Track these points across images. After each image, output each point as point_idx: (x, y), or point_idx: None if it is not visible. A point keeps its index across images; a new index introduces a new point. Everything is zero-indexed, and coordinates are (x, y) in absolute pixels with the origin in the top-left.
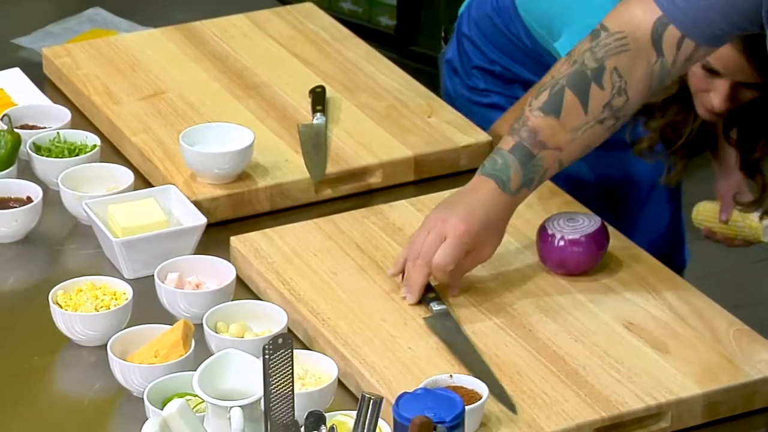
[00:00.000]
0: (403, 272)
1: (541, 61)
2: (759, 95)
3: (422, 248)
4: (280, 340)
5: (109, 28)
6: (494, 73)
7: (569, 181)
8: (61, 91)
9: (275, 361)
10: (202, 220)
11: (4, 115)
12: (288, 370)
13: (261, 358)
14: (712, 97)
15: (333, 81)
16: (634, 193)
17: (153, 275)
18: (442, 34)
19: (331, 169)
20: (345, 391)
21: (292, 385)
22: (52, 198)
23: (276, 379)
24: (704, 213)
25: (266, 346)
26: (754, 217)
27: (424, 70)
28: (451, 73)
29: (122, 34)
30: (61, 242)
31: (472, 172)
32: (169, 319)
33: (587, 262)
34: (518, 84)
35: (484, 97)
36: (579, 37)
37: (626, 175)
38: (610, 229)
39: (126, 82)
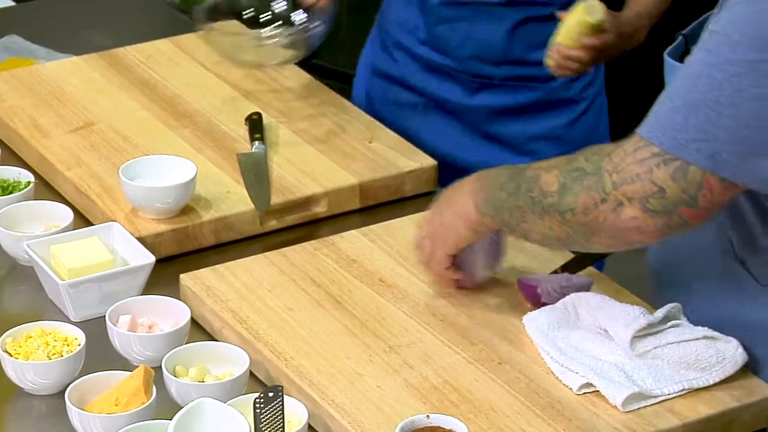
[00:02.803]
0: None
1: None
2: None
3: None
4: (270, 393)
5: (27, 56)
6: None
7: None
8: None
9: (266, 415)
10: (151, 258)
11: None
12: (279, 424)
13: (225, 400)
14: None
15: (267, 107)
16: None
17: (99, 317)
18: None
19: (276, 199)
20: None
21: None
22: None
23: None
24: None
25: (257, 400)
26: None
27: (329, 84)
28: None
29: (42, 63)
30: None
31: (417, 197)
32: (120, 363)
33: None
34: None
35: None
36: None
37: None
38: None
39: (53, 113)
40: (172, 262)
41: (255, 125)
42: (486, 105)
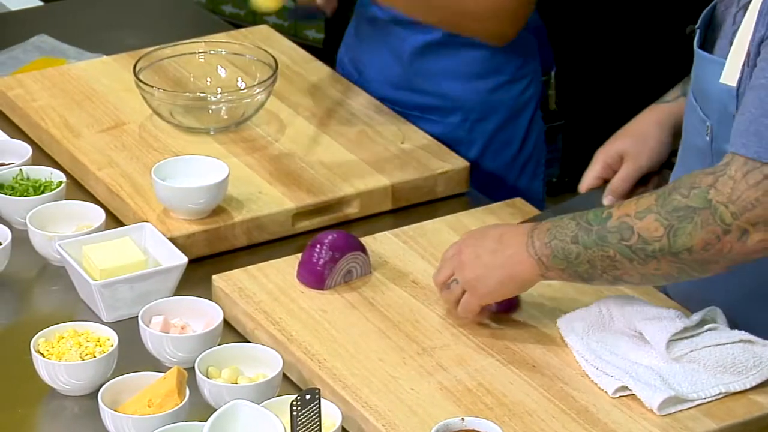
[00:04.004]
0: None
1: None
2: None
3: None
4: (307, 396)
5: (57, 55)
6: None
7: None
8: (14, 124)
9: (303, 417)
10: (183, 259)
11: None
12: (315, 426)
13: (259, 402)
14: None
15: (298, 107)
16: None
17: (131, 317)
18: None
19: (308, 200)
20: None
21: None
22: (17, 237)
23: None
24: None
25: (294, 402)
26: None
27: None
28: None
29: (73, 62)
30: (30, 284)
31: (449, 198)
32: (153, 364)
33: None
34: None
35: None
36: None
37: None
38: None
39: (84, 113)
40: (203, 263)
41: None
42: None
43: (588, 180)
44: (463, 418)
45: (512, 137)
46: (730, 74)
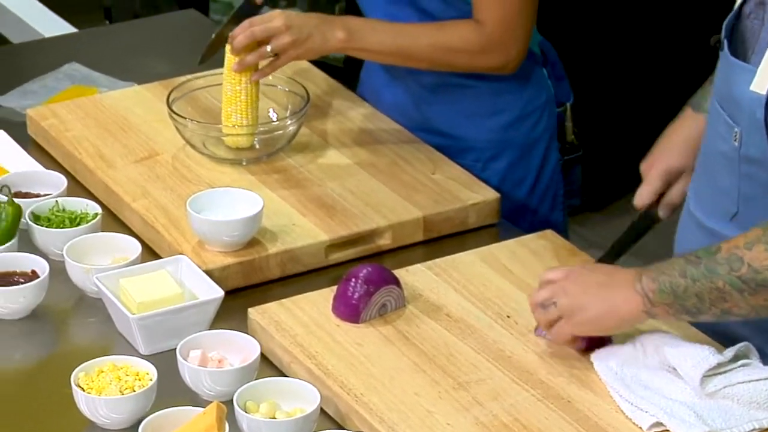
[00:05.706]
0: None
1: None
2: None
3: None
4: None
5: (88, 84)
6: None
7: None
8: (48, 153)
9: None
10: (220, 292)
11: (2, 186)
12: None
13: None
14: None
15: (329, 137)
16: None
17: (167, 350)
18: None
19: (341, 231)
20: None
21: None
22: (53, 268)
23: None
24: None
25: None
26: None
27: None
28: None
29: (104, 92)
30: (67, 315)
31: (481, 229)
32: (189, 397)
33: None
34: None
35: None
36: None
37: None
38: None
39: (117, 143)
40: (237, 295)
41: None
42: None
43: (646, 196)
44: None
45: (527, 173)
46: (761, 83)
